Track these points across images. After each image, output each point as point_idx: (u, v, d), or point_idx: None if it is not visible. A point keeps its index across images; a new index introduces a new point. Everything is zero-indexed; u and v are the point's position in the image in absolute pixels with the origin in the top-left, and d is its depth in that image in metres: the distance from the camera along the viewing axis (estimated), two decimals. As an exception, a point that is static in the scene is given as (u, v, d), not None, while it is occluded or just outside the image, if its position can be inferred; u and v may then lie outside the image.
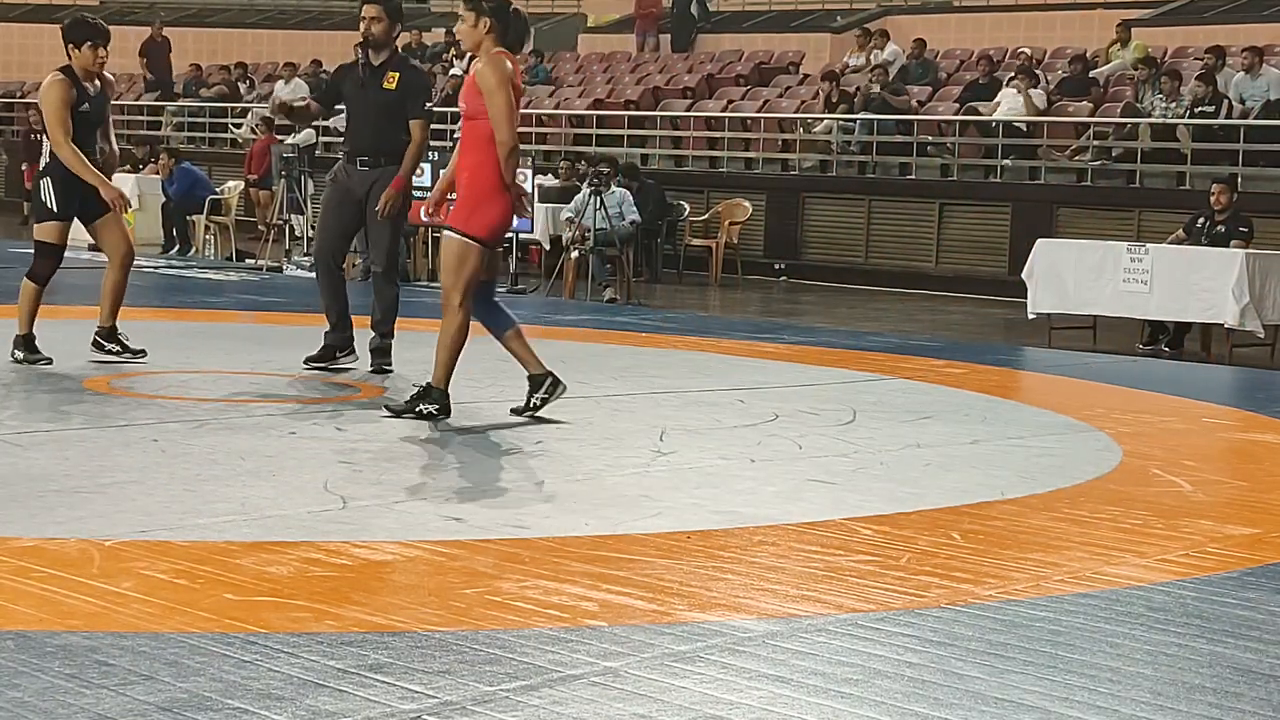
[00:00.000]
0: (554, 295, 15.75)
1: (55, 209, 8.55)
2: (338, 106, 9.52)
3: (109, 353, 8.82)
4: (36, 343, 8.65)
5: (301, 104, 9.69)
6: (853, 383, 9.51)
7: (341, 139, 9.55)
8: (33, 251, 8.73)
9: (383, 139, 8.93)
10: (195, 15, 34.29)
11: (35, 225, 8.70)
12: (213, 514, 5.32)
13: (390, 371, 8.94)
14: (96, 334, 8.85)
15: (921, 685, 3.85)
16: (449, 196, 7.68)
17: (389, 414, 7.37)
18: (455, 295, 7.34)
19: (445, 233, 7.46)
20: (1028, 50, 21.56)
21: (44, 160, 8.66)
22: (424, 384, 7.42)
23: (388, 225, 8.94)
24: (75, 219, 8.68)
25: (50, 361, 8.54)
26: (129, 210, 8.80)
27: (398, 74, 8.94)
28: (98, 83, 8.57)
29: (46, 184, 8.55)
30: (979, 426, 8.01)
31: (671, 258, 18.95)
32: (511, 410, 7.64)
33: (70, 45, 8.46)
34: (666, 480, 6.29)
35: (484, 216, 7.35)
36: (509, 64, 7.37)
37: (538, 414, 7.56)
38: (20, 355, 8.57)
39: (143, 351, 8.86)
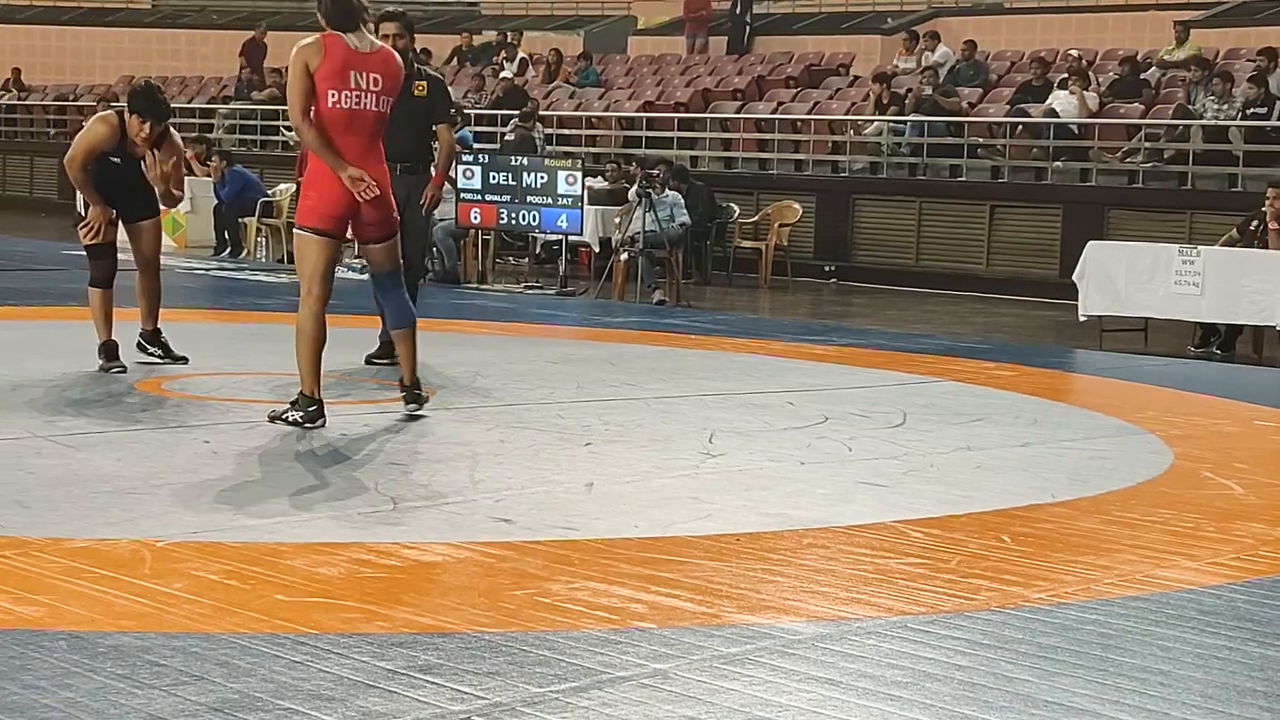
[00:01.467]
0: (603, 297, 15.76)
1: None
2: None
3: (151, 355, 8.86)
4: (119, 351, 8.65)
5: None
6: (903, 385, 9.48)
7: None
8: (85, 256, 8.76)
9: (420, 144, 9.43)
10: (246, 18, 34.49)
11: (79, 230, 8.71)
12: (263, 515, 5.34)
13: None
14: (140, 336, 8.89)
15: (971, 688, 3.83)
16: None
17: (269, 420, 7.11)
18: (302, 293, 7.19)
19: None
20: (1078, 52, 21.43)
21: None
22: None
23: (420, 227, 9.41)
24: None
25: (125, 370, 8.50)
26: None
27: (425, 83, 9.38)
28: (139, 150, 8.55)
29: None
30: (1029, 429, 7.97)
31: (721, 260, 18.93)
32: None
33: (127, 110, 8.51)
34: (716, 482, 6.29)
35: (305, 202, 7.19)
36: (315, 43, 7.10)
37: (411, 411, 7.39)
38: (101, 363, 8.55)
39: (185, 358, 8.88)
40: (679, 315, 13.81)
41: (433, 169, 9.50)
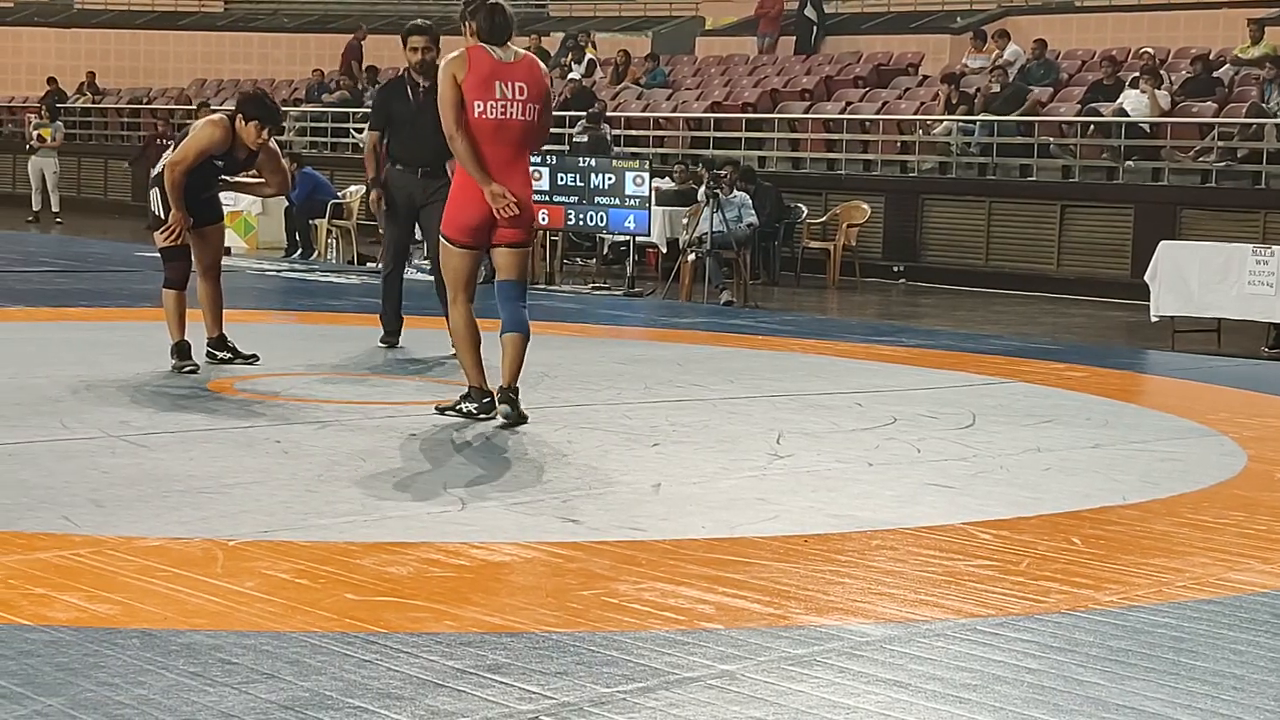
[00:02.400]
0: (670, 298, 15.77)
1: (166, 215, 8.58)
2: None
3: (222, 360, 8.86)
4: (191, 351, 8.69)
5: (371, 155, 10.17)
6: (972, 386, 9.44)
7: (389, 152, 10.11)
8: (160, 259, 8.81)
9: (442, 149, 9.19)
10: (318, 21, 34.73)
11: (155, 234, 8.74)
12: (334, 514, 5.38)
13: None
14: (208, 344, 8.88)
15: (1041, 691, 3.81)
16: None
17: (437, 412, 7.48)
18: (449, 295, 7.51)
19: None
20: (1151, 50, 21.25)
21: (155, 171, 8.77)
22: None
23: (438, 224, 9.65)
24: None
25: (197, 369, 8.55)
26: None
27: None
28: (245, 154, 8.62)
29: (156, 194, 8.62)
30: (1100, 430, 7.92)
31: (789, 260, 18.90)
32: (436, 408, 7.58)
33: (240, 116, 8.48)
34: (783, 483, 6.28)
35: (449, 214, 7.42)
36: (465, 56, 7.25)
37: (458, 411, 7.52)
38: (174, 363, 8.59)
39: (255, 356, 8.93)
40: (746, 316, 13.79)
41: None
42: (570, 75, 25.39)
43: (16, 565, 4.56)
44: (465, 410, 7.41)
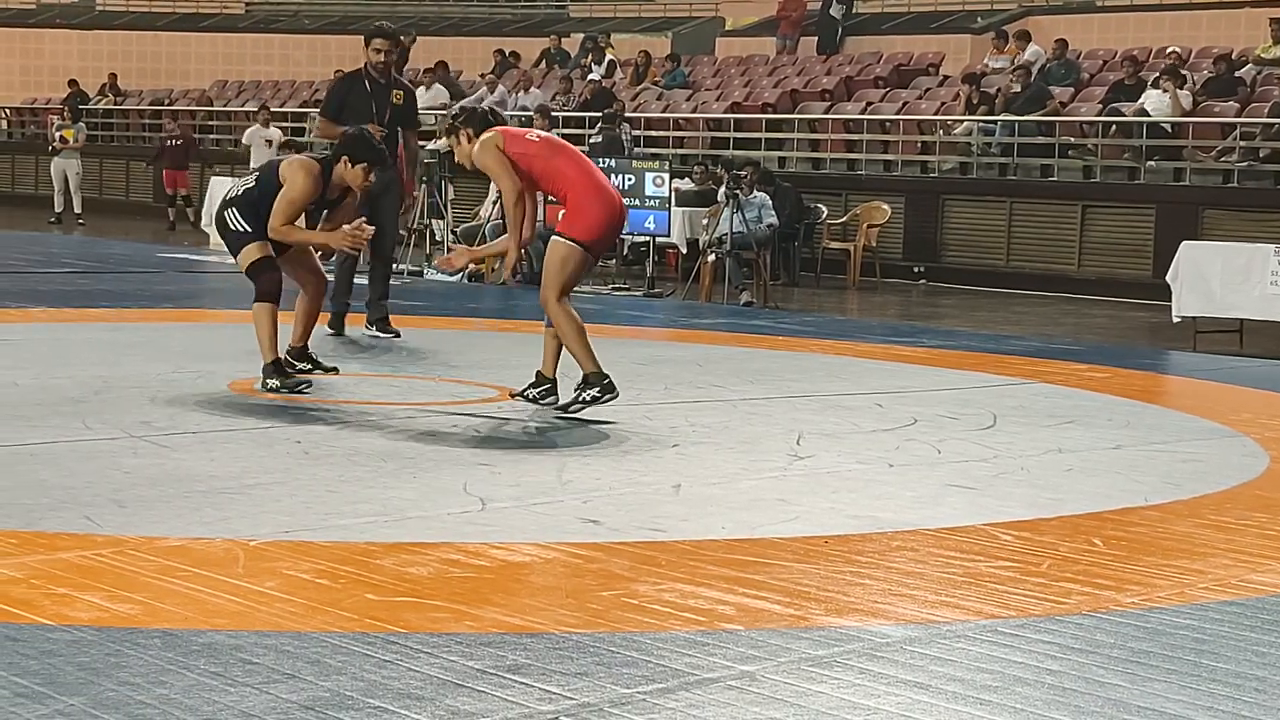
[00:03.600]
0: (690, 298, 15.76)
1: (249, 229, 8.16)
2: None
3: (300, 368, 8.47)
4: (284, 367, 8.21)
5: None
6: (993, 387, 9.42)
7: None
8: (249, 278, 8.26)
9: (393, 146, 10.34)
10: (338, 22, 34.78)
11: (237, 257, 8.27)
12: (354, 515, 5.39)
13: (395, 334, 10.55)
14: (288, 353, 8.48)
15: (1062, 693, 3.80)
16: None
17: (560, 414, 7.58)
18: (551, 295, 7.63)
19: (554, 237, 7.75)
20: (1178, 50, 21.18)
21: (231, 193, 8.35)
22: (581, 377, 7.63)
23: (391, 219, 10.64)
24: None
25: (309, 385, 8.15)
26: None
27: (402, 92, 10.67)
28: (338, 194, 8.34)
29: (233, 214, 8.19)
30: (1122, 431, 7.90)
31: (809, 261, 18.88)
32: (511, 393, 7.93)
33: (346, 158, 8.14)
34: (803, 484, 6.28)
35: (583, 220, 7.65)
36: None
37: (524, 396, 7.81)
38: (275, 384, 8.01)
39: (335, 369, 8.67)
40: (766, 317, 13.79)
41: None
42: (590, 76, 25.38)
43: (39, 565, 4.57)
44: (590, 397, 7.57)
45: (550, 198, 8.27)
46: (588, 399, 7.60)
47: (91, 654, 3.79)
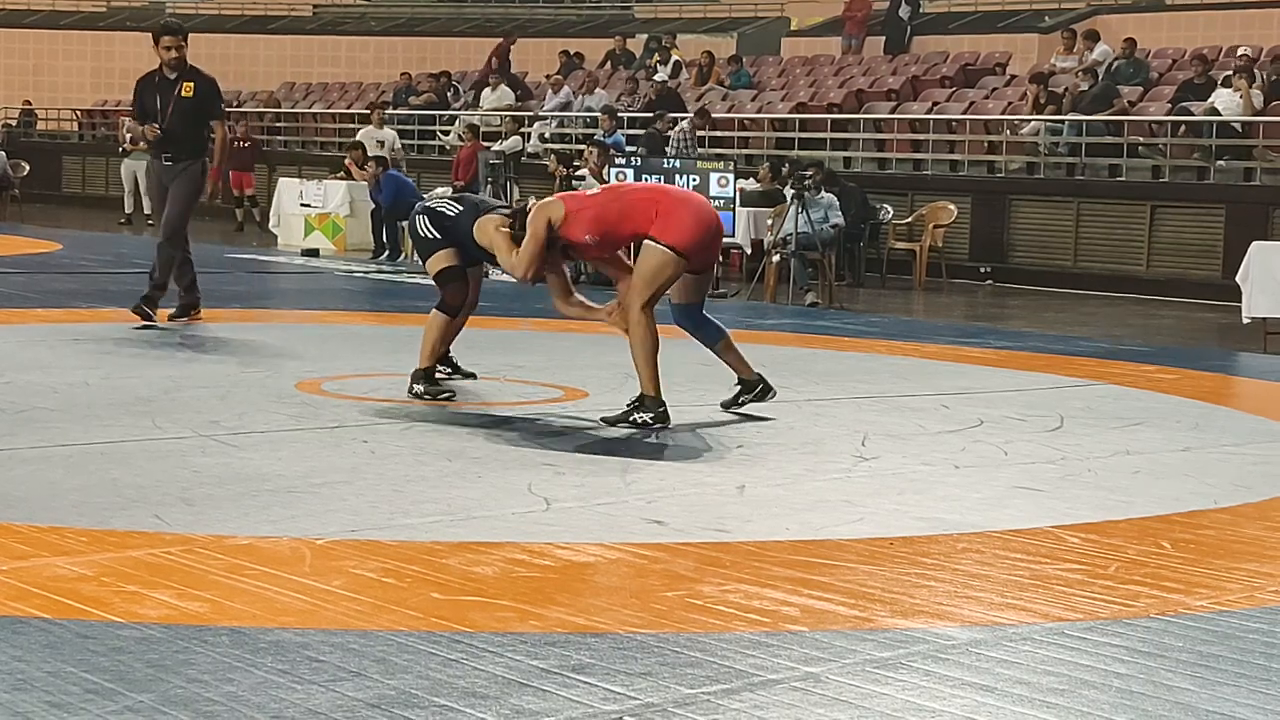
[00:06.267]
0: (755, 299, 15.74)
1: (438, 237, 8.17)
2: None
3: (440, 371, 8.42)
4: (438, 375, 8.23)
5: (147, 132, 11.06)
6: (1060, 388, 9.36)
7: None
8: (436, 284, 8.33)
9: (188, 137, 10.84)
10: (404, 25, 34.96)
11: (427, 261, 8.31)
12: (420, 514, 5.41)
13: (153, 322, 10.59)
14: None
15: (1129, 696, 3.77)
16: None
17: (605, 424, 7.43)
18: (638, 301, 7.51)
19: (646, 242, 7.52)
20: (1249, 51, 20.97)
21: (433, 204, 8.38)
22: (638, 395, 7.51)
23: (175, 203, 10.81)
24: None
25: (454, 395, 8.07)
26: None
27: (192, 83, 10.88)
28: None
29: (423, 221, 8.21)
30: (1191, 433, 7.83)
31: (875, 261, 18.81)
32: (721, 404, 7.92)
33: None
34: (869, 485, 6.26)
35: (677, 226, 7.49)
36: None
37: (741, 409, 7.85)
38: (422, 389, 8.01)
39: (472, 374, 8.62)
40: (832, 317, 13.75)
41: (207, 161, 10.99)
42: (655, 77, 25.39)
43: (109, 563, 4.62)
44: (638, 420, 7.37)
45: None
46: (637, 421, 7.38)
47: (160, 651, 3.83)
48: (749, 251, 17.77)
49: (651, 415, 7.40)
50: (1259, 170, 17.84)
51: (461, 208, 8.24)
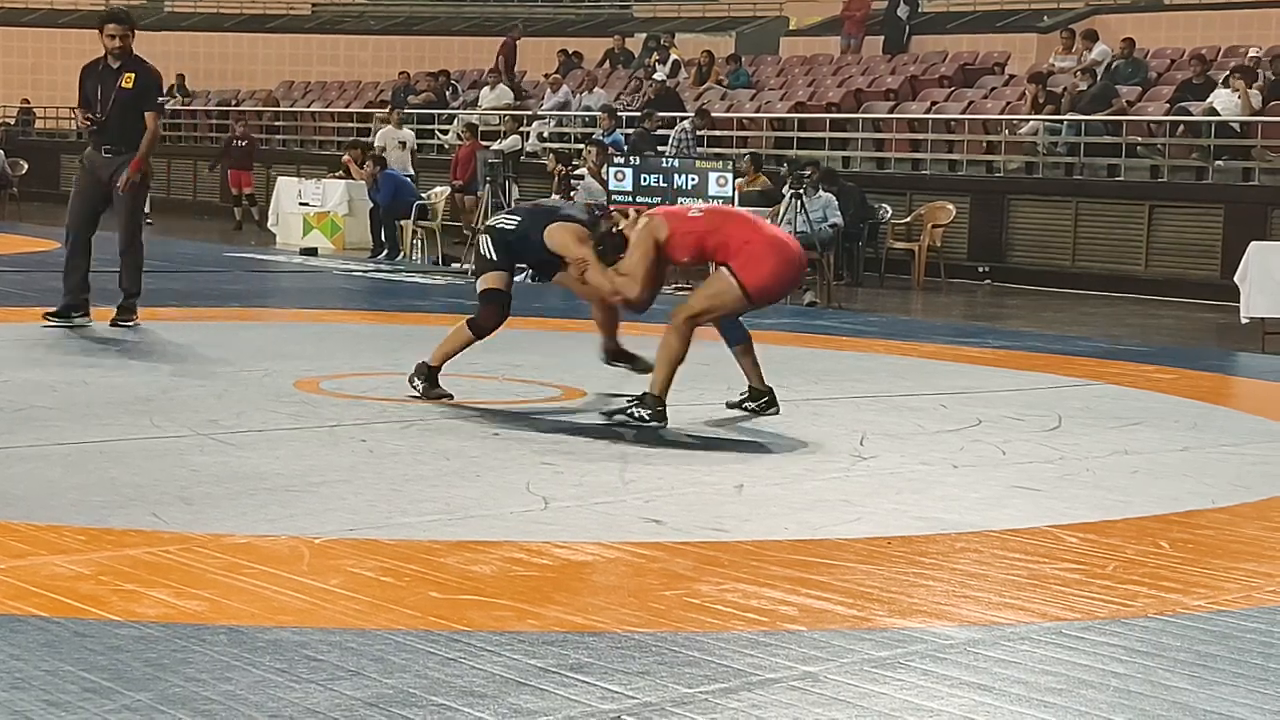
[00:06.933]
0: (755, 299, 15.71)
1: (494, 258, 8.02)
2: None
3: (619, 367, 8.45)
4: (440, 378, 8.05)
5: (81, 121, 11.00)
6: (1059, 388, 9.36)
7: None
8: (480, 301, 8.13)
9: (127, 129, 10.50)
10: (403, 23, 34.95)
11: (480, 277, 8.15)
12: (419, 513, 5.41)
13: (133, 325, 10.38)
14: (604, 348, 8.51)
15: (1127, 696, 3.78)
16: None
17: (603, 419, 7.44)
18: (686, 312, 7.55)
19: (723, 269, 7.60)
20: (1254, 50, 20.96)
21: (494, 221, 8.25)
22: (641, 392, 7.51)
23: (125, 204, 10.53)
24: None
25: (451, 397, 7.94)
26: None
27: (133, 74, 10.51)
28: None
29: (486, 241, 8.09)
30: (1189, 433, 7.83)
31: (873, 261, 18.81)
32: (726, 402, 7.98)
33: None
34: (867, 485, 6.26)
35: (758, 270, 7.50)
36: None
37: (741, 409, 7.90)
38: (422, 387, 7.95)
39: (650, 366, 8.25)
40: (830, 317, 13.75)
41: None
42: (654, 76, 25.40)
43: (106, 561, 4.62)
44: (636, 415, 7.40)
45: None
46: (634, 416, 7.38)
47: (158, 650, 3.83)
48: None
49: (649, 413, 7.40)
50: (1257, 170, 17.84)
51: (519, 218, 8.14)
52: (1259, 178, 17.80)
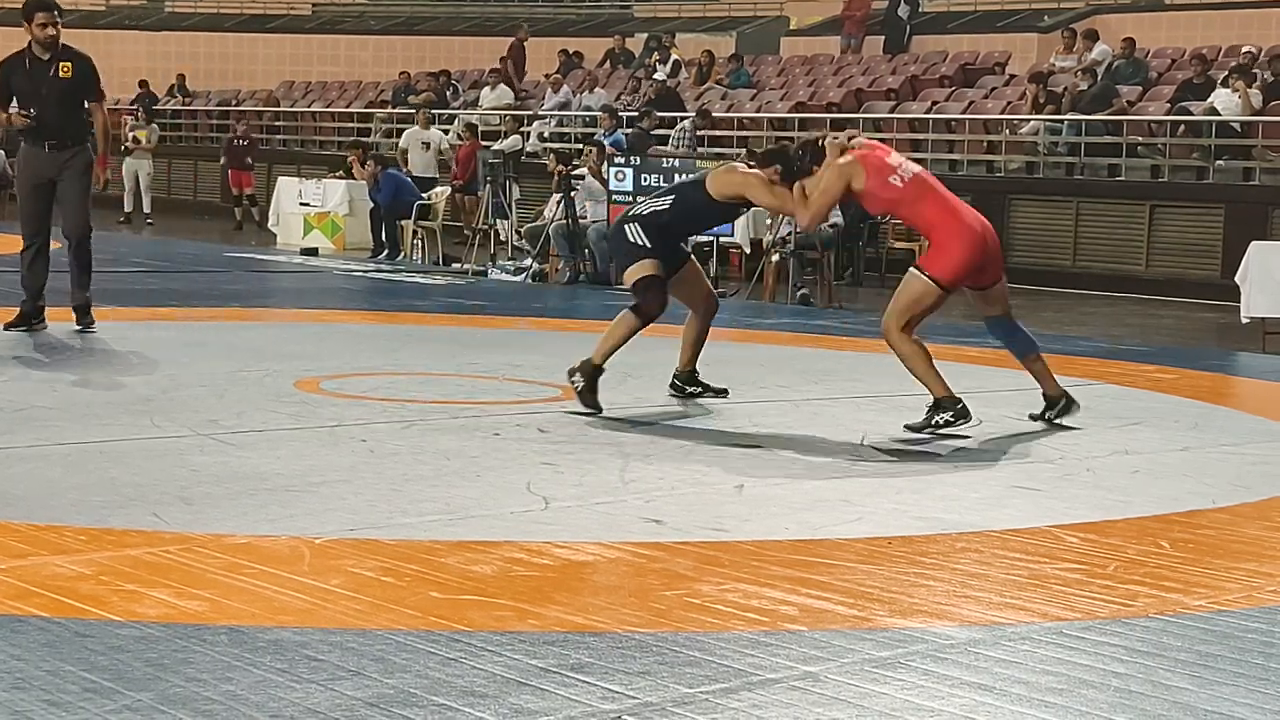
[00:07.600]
0: (754, 299, 15.74)
1: (647, 244, 7.97)
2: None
3: (689, 395, 8.31)
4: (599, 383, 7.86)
5: (15, 119, 10.23)
6: (1058, 388, 9.34)
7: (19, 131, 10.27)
8: (633, 293, 8.09)
9: (68, 122, 10.08)
10: (404, 23, 34.95)
11: (626, 271, 8.12)
12: (419, 513, 5.41)
13: (92, 328, 10.04)
14: (676, 377, 8.39)
15: (1128, 695, 3.78)
16: None
17: (910, 431, 7.47)
18: (895, 325, 7.74)
19: (912, 270, 7.84)
20: (1253, 49, 20.96)
21: (641, 209, 8.19)
22: (932, 400, 7.58)
23: (77, 199, 10.16)
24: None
25: (600, 411, 7.73)
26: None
27: (69, 63, 10.01)
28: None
29: (634, 228, 8.02)
30: (1190, 433, 7.83)
31: (873, 261, 18.82)
32: (1030, 415, 7.97)
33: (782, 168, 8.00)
34: (867, 485, 6.26)
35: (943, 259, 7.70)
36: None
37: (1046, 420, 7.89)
38: (581, 385, 7.78)
39: (725, 390, 8.36)
40: (830, 317, 13.76)
41: (90, 148, 10.18)
42: (655, 76, 25.40)
43: (107, 561, 4.62)
44: (941, 421, 7.45)
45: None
46: (940, 422, 7.46)
47: (159, 650, 3.83)
48: (748, 251, 17.77)
49: (951, 414, 7.47)
50: (1258, 170, 17.85)
51: (671, 195, 8.21)
52: (1259, 177, 17.81)
